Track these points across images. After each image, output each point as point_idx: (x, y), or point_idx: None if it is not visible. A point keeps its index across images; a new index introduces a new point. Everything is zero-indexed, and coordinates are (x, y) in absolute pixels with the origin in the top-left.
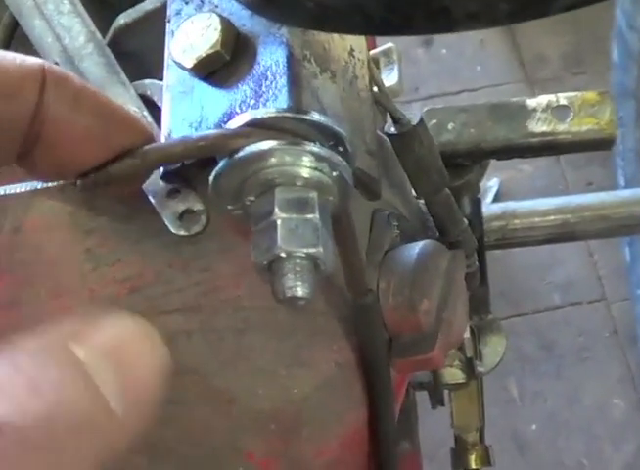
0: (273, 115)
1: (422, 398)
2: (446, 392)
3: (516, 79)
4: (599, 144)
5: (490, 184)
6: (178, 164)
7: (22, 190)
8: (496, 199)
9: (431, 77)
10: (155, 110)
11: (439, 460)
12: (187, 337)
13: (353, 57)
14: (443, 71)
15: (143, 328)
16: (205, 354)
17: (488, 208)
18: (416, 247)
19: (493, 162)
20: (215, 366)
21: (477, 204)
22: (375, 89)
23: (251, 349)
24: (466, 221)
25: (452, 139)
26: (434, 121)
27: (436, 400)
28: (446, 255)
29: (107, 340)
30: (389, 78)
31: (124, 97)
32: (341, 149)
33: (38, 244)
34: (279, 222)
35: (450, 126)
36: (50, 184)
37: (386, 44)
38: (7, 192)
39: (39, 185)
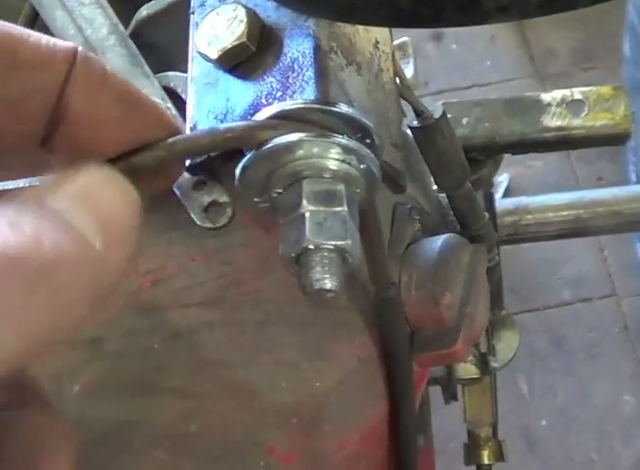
0: (300, 106)
1: (432, 393)
2: (460, 387)
3: (526, 74)
4: (614, 139)
5: (500, 180)
6: (204, 157)
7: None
8: (506, 194)
9: (441, 72)
10: (178, 102)
11: (449, 454)
12: (209, 330)
13: (378, 49)
14: (454, 66)
15: (110, 174)
16: (227, 348)
17: (501, 203)
18: (438, 240)
19: (503, 158)
20: (237, 359)
21: (490, 199)
22: (397, 82)
23: (272, 342)
24: (487, 215)
25: (467, 133)
26: (449, 116)
27: (450, 395)
28: (468, 249)
29: (79, 188)
30: (405, 72)
31: (148, 89)
32: (368, 141)
33: None
34: (307, 215)
35: (465, 121)
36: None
37: (401, 38)
38: (7, 188)
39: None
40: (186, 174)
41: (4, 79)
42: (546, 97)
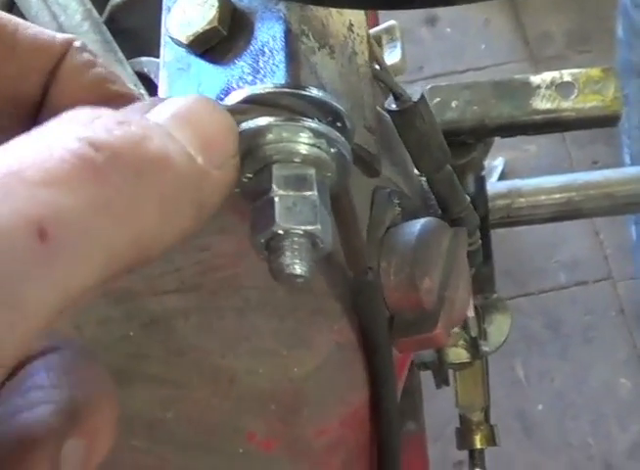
0: (271, 90)
1: (427, 378)
2: (451, 371)
3: (520, 58)
4: (604, 121)
5: (495, 163)
6: None
7: None
8: (501, 178)
9: (435, 56)
10: (151, 87)
11: (445, 440)
12: (186, 317)
13: (352, 32)
14: (448, 50)
15: (209, 100)
16: (205, 334)
17: (493, 186)
18: (417, 224)
19: (498, 141)
20: (215, 346)
21: (481, 182)
22: (376, 66)
23: (251, 328)
24: (468, 198)
25: (456, 117)
26: (438, 99)
27: (441, 380)
28: (448, 232)
29: (180, 108)
30: (392, 56)
31: (121, 75)
32: (339, 125)
33: None
34: (276, 199)
35: (454, 104)
36: None
37: (388, 22)
38: None
39: None
40: None
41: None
42: (535, 79)
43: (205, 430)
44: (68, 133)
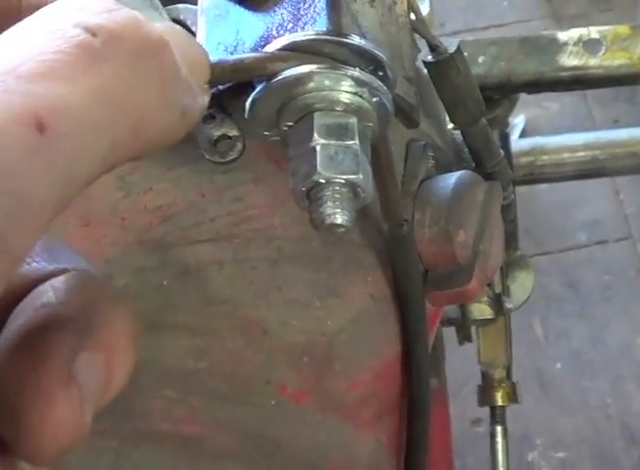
0: (312, 38)
1: (446, 334)
2: (474, 328)
3: (542, 15)
4: (631, 79)
5: (516, 121)
6: (213, 89)
7: None
8: (522, 136)
9: (457, 13)
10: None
11: (464, 397)
12: (219, 267)
13: None
14: (470, 7)
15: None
16: (238, 285)
17: (517, 143)
18: (452, 177)
19: (519, 99)
20: (248, 297)
21: (505, 139)
22: (412, 16)
23: (284, 279)
24: (502, 153)
25: (482, 72)
26: (465, 54)
27: (464, 336)
28: (483, 186)
29: (162, 27)
30: (422, 9)
31: (158, 22)
32: (381, 74)
33: None
34: (318, 148)
35: (480, 59)
36: None
37: None
38: None
39: None
40: None
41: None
42: (563, 36)
43: (236, 381)
44: (63, 19)
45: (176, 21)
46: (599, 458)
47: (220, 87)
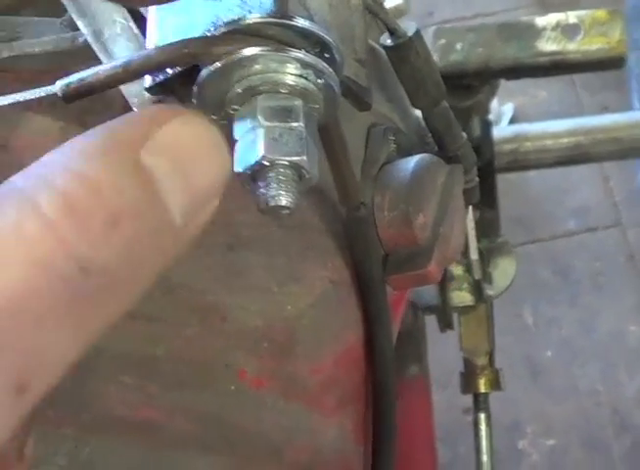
0: (257, 20)
1: (434, 323)
2: (456, 316)
3: (530, 3)
4: (609, 63)
5: (505, 109)
6: (162, 77)
7: (5, 103)
8: (511, 124)
9: (445, 2)
10: (141, 21)
11: (454, 386)
12: None
13: None
14: None
15: (211, 133)
16: (196, 271)
17: (500, 130)
18: (412, 161)
19: (508, 87)
20: (206, 283)
21: (486, 125)
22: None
23: (242, 265)
24: (465, 136)
25: (460, 59)
26: (443, 41)
27: (445, 324)
28: (444, 169)
29: (173, 143)
30: None
31: (109, 7)
32: (327, 56)
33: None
34: (262, 131)
35: (459, 46)
36: (36, 96)
37: None
38: None
39: (22, 97)
40: (146, 95)
41: None
42: (541, 21)
43: (195, 367)
44: (53, 248)
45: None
46: (589, 445)
47: (169, 72)
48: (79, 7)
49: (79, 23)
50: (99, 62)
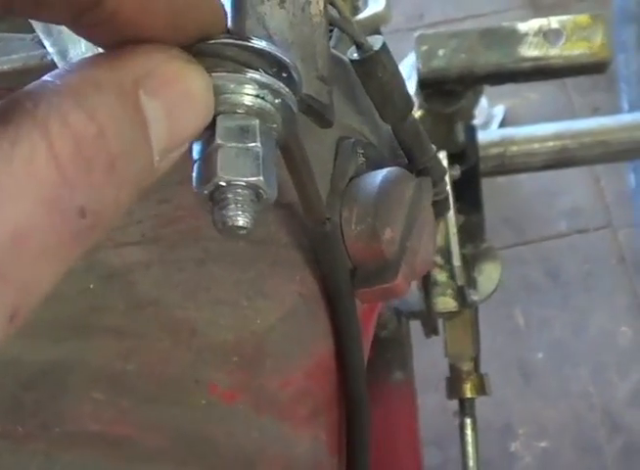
0: (215, 41)
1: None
2: (441, 321)
3: (521, 5)
4: (592, 67)
5: (495, 112)
6: None
7: None
8: (502, 126)
9: (435, 3)
10: None
11: (443, 389)
12: (146, 269)
13: None
14: None
15: (204, 81)
16: (165, 286)
17: (486, 134)
18: (379, 174)
19: (498, 89)
20: (175, 298)
21: (471, 130)
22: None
23: (211, 279)
24: (434, 148)
25: (443, 65)
26: (425, 47)
27: (430, 329)
28: (411, 182)
29: (168, 85)
30: (376, 4)
31: None
32: (284, 75)
33: None
34: (219, 151)
35: (441, 52)
36: None
37: None
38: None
39: None
40: None
41: None
42: (523, 27)
43: (166, 382)
44: (59, 187)
45: None
46: (582, 447)
47: None
48: (45, 26)
49: (46, 43)
50: None
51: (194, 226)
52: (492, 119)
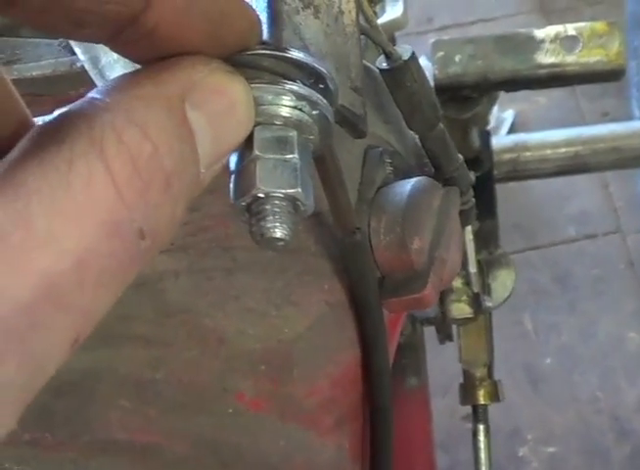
0: (252, 53)
1: (434, 332)
2: (455, 327)
3: (531, 9)
4: (608, 75)
5: (505, 116)
6: None
7: None
8: (511, 131)
9: (445, 8)
10: None
11: (453, 393)
12: (175, 277)
13: None
14: (458, 2)
15: (245, 91)
16: (194, 295)
17: (499, 140)
18: (408, 184)
19: (507, 94)
20: (204, 306)
21: (486, 136)
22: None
23: (240, 288)
24: (461, 158)
25: (459, 71)
26: (441, 53)
27: (445, 336)
28: (439, 192)
29: (212, 96)
30: (394, 10)
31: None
32: (322, 87)
33: None
34: (257, 162)
35: (457, 58)
36: None
37: None
38: None
39: None
40: None
41: None
42: (539, 33)
43: (193, 390)
44: (118, 210)
45: None
46: (589, 452)
47: None
48: None
49: (77, 50)
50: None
51: (223, 235)
52: (502, 124)
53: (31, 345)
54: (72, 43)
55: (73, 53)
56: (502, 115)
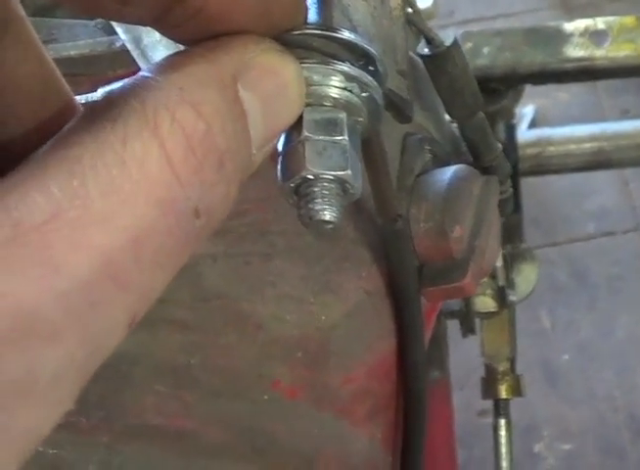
0: (301, 32)
1: (453, 325)
2: (478, 320)
3: (552, 4)
4: (637, 70)
5: (525, 111)
6: None
7: None
8: (531, 126)
9: (467, 1)
10: None
11: (469, 388)
12: (212, 261)
13: None
14: None
15: (297, 72)
16: (231, 279)
17: (524, 134)
18: (448, 171)
19: (528, 88)
20: (242, 291)
21: (511, 130)
22: (408, 9)
23: (278, 274)
24: (500, 146)
25: (487, 63)
26: (470, 45)
27: (467, 329)
28: (479, 180)
29: (264, 76)
30: (424, 0)
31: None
32: (371, 68)
33: None
34: (307, 144)
35: (485, 50)
36: None
37: None
38: None
39: None
40: None
41: None
42: (568, 27)
43: (229, 376)
44: (173, 188)
45: None
46: (605, 450)
47: None
48: None
49: (119, 30)
50: (137, 67)
51: (261, 220)
52: (522, 119)
53: (91, 323)
54: (114, 23)
55: (110, 34)
56: (523, 110)
